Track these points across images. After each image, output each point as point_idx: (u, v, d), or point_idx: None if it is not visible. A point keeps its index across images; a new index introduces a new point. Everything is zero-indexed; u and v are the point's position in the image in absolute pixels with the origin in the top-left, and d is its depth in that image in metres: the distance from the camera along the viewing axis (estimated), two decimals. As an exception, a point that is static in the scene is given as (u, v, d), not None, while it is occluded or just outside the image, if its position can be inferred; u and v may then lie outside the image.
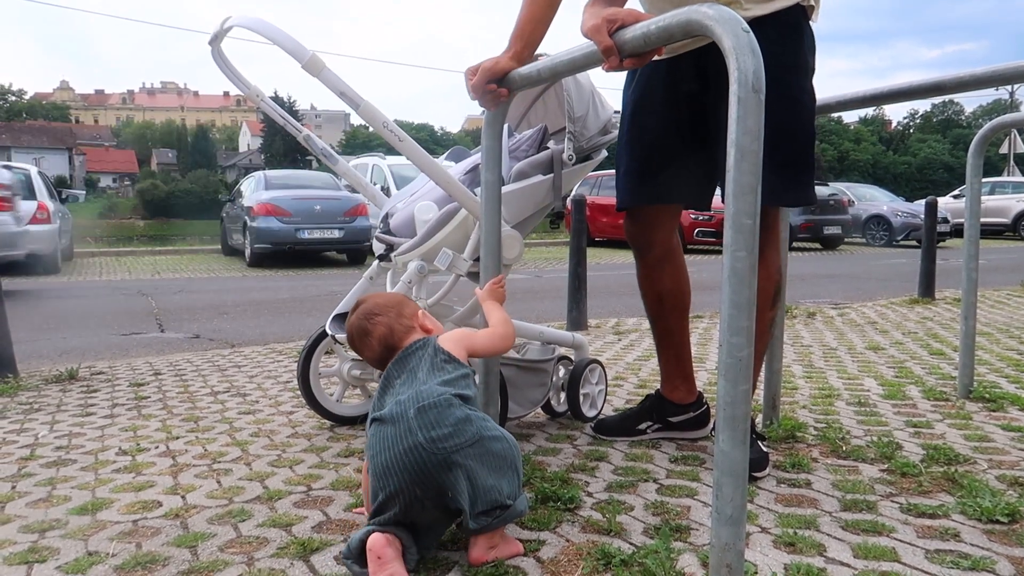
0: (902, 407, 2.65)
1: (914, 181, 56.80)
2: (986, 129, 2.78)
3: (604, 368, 2.62)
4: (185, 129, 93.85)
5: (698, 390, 2.30)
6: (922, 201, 7.59)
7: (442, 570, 1.45)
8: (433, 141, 76.72)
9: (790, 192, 1.92)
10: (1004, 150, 24.57)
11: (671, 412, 2.26)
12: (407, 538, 1.42)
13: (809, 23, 1.92)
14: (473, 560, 1.45)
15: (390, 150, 7.42)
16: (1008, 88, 32.19)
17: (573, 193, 4.85)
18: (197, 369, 3.54)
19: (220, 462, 2.13)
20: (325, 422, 2.54)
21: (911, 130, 73.25)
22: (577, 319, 4.66)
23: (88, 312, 6.18)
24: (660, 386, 2.29)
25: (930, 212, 6.21)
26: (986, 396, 2.72)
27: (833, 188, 16.50)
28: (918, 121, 74.65)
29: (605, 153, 2.42)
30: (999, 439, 2.26)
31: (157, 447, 2.29)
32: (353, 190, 10.82)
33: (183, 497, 1.86)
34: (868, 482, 1.90)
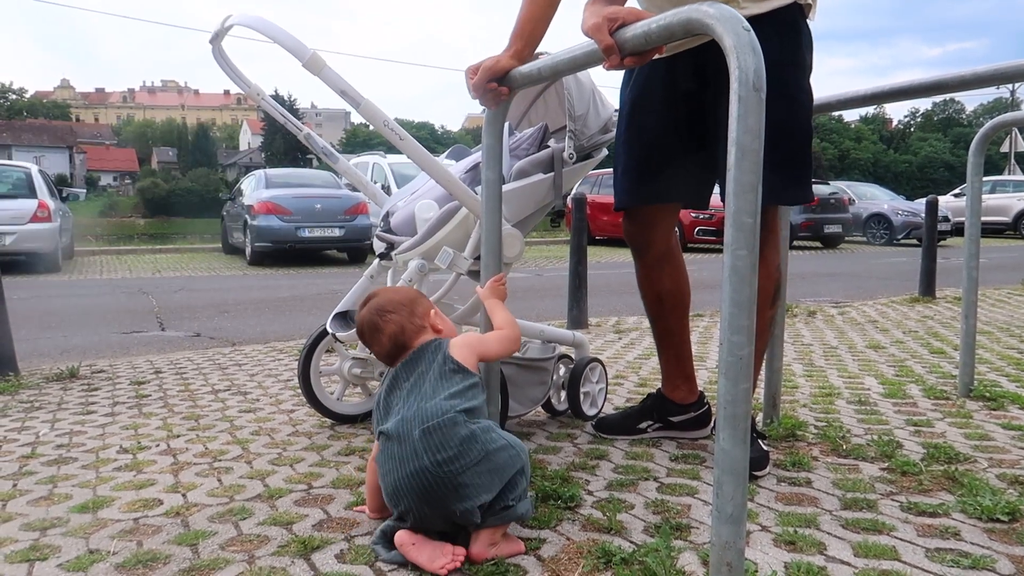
0: (902, 406, 2.65)
1: (915, 180, 56.86)
2: (987, 128, 2.78)
3: (604, 366, 2.62)
4: (186, 127, 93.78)
5: (699, 390, 2.30)
6: (923, 200, 7.60)
7: (443, 568, 1.46)
8: (434, 139, 76.79)
9: (789, 190, 1.92)
10: (1005, 148, 24.56)
11: (672, 412, 2.26)
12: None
13: (806, 21, 1.92)
14: (474, 557, 1.45)
15: (391, 148, 7.41)
16: (1009, 87, 32.12)
17: (574, 191, 4.84)
18: (198, 367, 3.54)
19: (221, 460, 2.14)
20: (326, 420, 2.54)
21: (912, 129, 73.30)
22: (578, 317, 4.66)
23: (89, 310, 6.18)
24: (661, 385, 2.29)
25: (931, 211, 6.22)
26: (987, 395, 2.71)
27: (834, 187, 16.48)
28: (919, 120, 74.71)
29: (606, 152, 2.42)
30: (999, 438, 2.26)
31: (158, 445, 2.29)
32: (354, 188, 10.79)
33: (184, 495, 1.86)
34: (868, 481, 1.90)
